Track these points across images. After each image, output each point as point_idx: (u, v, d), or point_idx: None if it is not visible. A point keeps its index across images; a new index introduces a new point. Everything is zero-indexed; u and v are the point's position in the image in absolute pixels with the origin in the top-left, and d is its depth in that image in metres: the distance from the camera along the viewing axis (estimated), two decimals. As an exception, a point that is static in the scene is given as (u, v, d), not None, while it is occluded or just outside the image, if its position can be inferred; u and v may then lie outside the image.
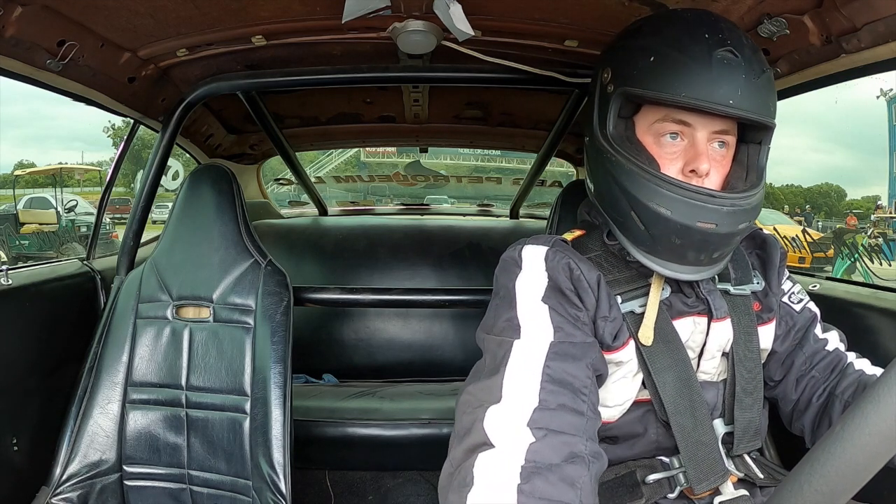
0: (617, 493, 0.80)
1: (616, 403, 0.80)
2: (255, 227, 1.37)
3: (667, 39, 0.74)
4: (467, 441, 0.62)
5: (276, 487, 1.12)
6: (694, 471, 0.77)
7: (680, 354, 0.79)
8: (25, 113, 32.08)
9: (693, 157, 0.75)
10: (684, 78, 0.72)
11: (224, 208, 1.29)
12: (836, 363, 0.85)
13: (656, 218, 0.73)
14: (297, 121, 2.04)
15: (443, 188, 4.33)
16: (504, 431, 0.61)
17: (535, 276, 0.76)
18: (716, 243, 0.74)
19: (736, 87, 0.71)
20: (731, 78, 0.71)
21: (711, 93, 0.71)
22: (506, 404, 0.64)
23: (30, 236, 9.63)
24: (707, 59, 0.71)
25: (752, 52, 0.74)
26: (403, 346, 2.12)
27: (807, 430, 0.85)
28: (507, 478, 0.57)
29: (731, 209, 0.73)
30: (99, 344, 1.26)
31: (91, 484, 1.19)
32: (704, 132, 0.75)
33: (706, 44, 0.72)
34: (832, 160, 36.72)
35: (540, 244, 0.79)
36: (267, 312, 1.22)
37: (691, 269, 0.76)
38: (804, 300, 0.89)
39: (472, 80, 1.42)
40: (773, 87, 0.76)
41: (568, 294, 0.75)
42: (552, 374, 0.66)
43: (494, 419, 0.62)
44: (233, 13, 1.11)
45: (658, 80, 0.73)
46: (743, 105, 0.72)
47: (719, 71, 0.71)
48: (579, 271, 0.76)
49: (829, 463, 0.45)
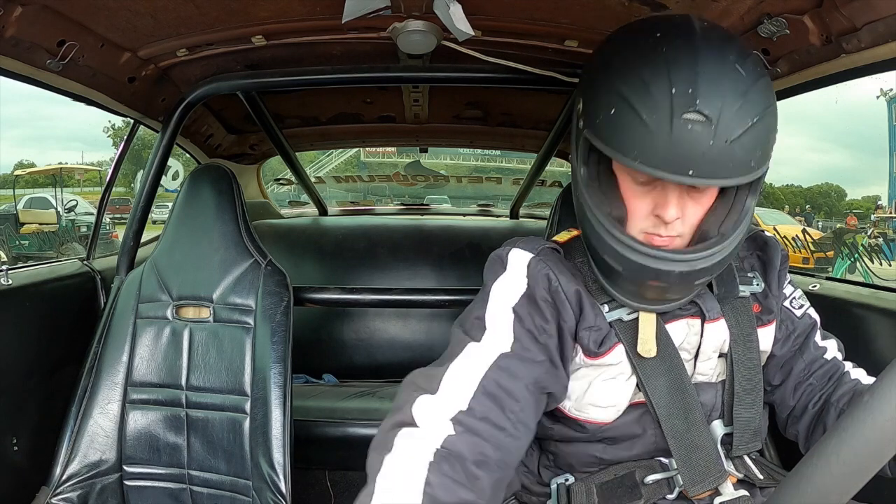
0: (616, 494, 0.80)
1: (609, 404, 0.79)
2: (255, 227, 1.37)
3: (630, 88, 0.66)
4: (396, 417, 0.68)
5: (276, 487, 1.12)
6: (688, 473, 0.77)
7: (672, 359, 0.79)
8: (24, 113, 32.07)
9: (661, 204, 0.70)
10: (639, 142, 0.65)
11: (224, 208, 1.29)
12: (833, 372, 0.85)
13: (609, 268, 0.74)
14: (297, 121, 2.04)
15: (443, 188, 4.33)
16: (429, 418, 0.67)
17: (514, 280, 0.77)
18: (674, 291, 0.74)
19: (698, 157, 0.64)
20: (694, 146, 0.63)
21: (667, 162, 0.64)
22: (439, 397, 0.68)
23: (30, 236, 9.62)
24: (666, 125, 0.63)
25: (735, 103, 0.64)
26: (403, 346, 2.12)
27: (801, 436, 0.85)
28: (421, 452, 0.63)
29: (685, 270, 0.70)
30: (99, 344, 1.26)
31: (91, 484, 1.19)
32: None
33: (670, 103, 0.64)
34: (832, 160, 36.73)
35: (527, 249, 0.80)
36: (267, 312, 1.22)
37: (653, 304, 0.76)
38: (805, 306, 0.88)
39: (472, 80, 1.42)
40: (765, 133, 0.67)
41: (542, 305, 0.76)
42: (487, 387, 0.69)
43: (424, 406, 0.67)
44: (233, 13, 1.11)
45: (614, 138, 0.67)
46: (706, 173, 0.65)
47: (680, 138, 0.63)
48: (557, 283, 0.77)
49: (829, 463, 0.45)
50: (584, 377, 0.80)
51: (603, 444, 0.81)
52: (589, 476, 0.82)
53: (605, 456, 0.82)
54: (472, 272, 2.19)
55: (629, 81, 0.67)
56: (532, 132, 2.12)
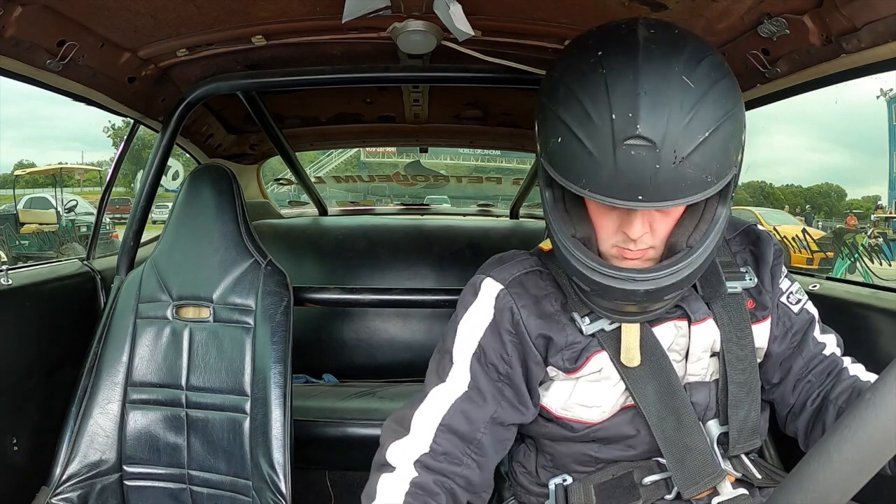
0: (614, 494, 0.80)
1: (595, 404, 0.80)
2: (255, 227, 1.37)
3: (573, 115, 0.65)
4: (377, 459, 0.79)
5: (276, 487, 1.12)
6: (681, 476, 0.77)
7: (661, 363, 0.78)
8: (24, 113, 32.08)
9: (626, 222, 0.69)
10: (586, 171, 0.65)
11: (224, 208, 1.29)
12: (832, 368, 0.84)
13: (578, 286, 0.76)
14: (297, 121, 2.04)
15: (443, 188, 4.33)
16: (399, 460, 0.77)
17: (482, 310, 0.81)
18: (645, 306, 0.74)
19: (647, 182, 0.62)
20: (639, 171, 0.62)
21: (614, 189, 0.63)
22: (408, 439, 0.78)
23: (30, 236, 9.62)
24: (609, 153, 0.63)
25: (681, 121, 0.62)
26: (403, 346, 2.12)
27: (800, 434, 0.85)
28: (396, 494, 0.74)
29: (651, 289, 0.70)
30: (99, 344, 1.26)
31: (91, 484, 1.19)
32: None
33: (611, 130, 0.62)
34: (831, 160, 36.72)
35: (498, 280, 0.82)
36: (267, 312, 1.22)
37: (634, 317, 0.77)
38: (802, 300, 0.87)
39: (472, 80, 1.42)
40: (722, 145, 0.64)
41: (504, 337, 0.80)
42: (448, 426, 0.77)
43: (395, 450, 0.77)
44: (233, 13, 1.11)
45: (564, 167, 0.67)
46: (656, 196, 0.63)
47: (625, 164, 0.62)
48: (520, 317, 0.80)
49: (828, 464, 0.45)
50: (567, 381, 0.80)
51: (597, 444, 0.82)
52: (586, 476, 0.82)
53: (601, 455, 0.82)
54: (471, 272, 2.16)
55: (571, 110, 0.66)
56: (532, 132, 2.11)
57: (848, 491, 0.46)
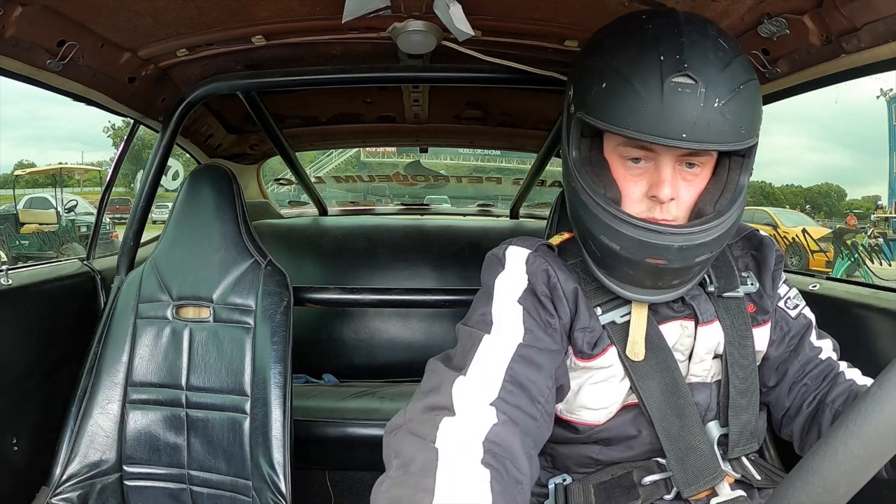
0: (613, 494, 0.80)
1: (601, 406, 0.79)
2: (255, 227, 1.37)
3: (620, 61, 0.69)
4: (431, 399, 0.65)
5: (276, 487, 1.12)
6: (682, 474, 0.77)
7: (666, 360, 0.78)
8: (24, 113, 32.09)
9: (656, 183, 0.71)
10: (632, 110, 0.67)
11: (224, 208, 1.29)
12: (828, 372, 0.85)
13: (607, 250, 0.73)
14: (297, 121, 2.04)
15: (443, 188, 4.33)
16: (469, 404, 0.64)
17: (515, 276, 0.77)
18: (671, 275, 0.73)
19: (689, 119, 0.65)
20: (685, 109, 0.65)
21: (660, 126, 0.66)
22: (472, 381, 0.67)
23: (30, 236, 9.63)
24: (657, 89, 0.66)
25: (718, 69, 0.67)
26: (403, 346, 2.12)
27: (795, 436, 0.85)
28: (471, 448, 0.60)
29: (685, 244, 0.70)
30: (99, 344, 1.26)
31: (91, 484, 1.19)
32: (669, 157, 0.71)
33: (660, 68, 0.66)
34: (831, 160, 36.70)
35: (524, 246, 0.80)
36: (267, 312, 1.22)
37: (651, 293, 0.75)
38: (800, 305, 0.88)
39: (472, 80, 1.42)
40: (751, 102, 0.69)
41: (543, 300, 0.76)
42: (514, 376, 0.68)
43: (461, 388, 0.65)
44: (233, 13, 1.11)
45: (608, 111, 0.69)
46: (699, 136, 0.66)
47: (671, 101, 0.65)
48: (556, 279, 0.77)
49: (827, 465, 0.45)
50: (574, 379, 0.80)
51: (598, 445, 0.81)
52: (586, 476, 0.82)
53: (601, 457, 0.82)
54: (472, 272, 2.17)
55: (619, 56, 0.69)
56: (532, 132, 2.12)
57: (846, 493, 0.46)
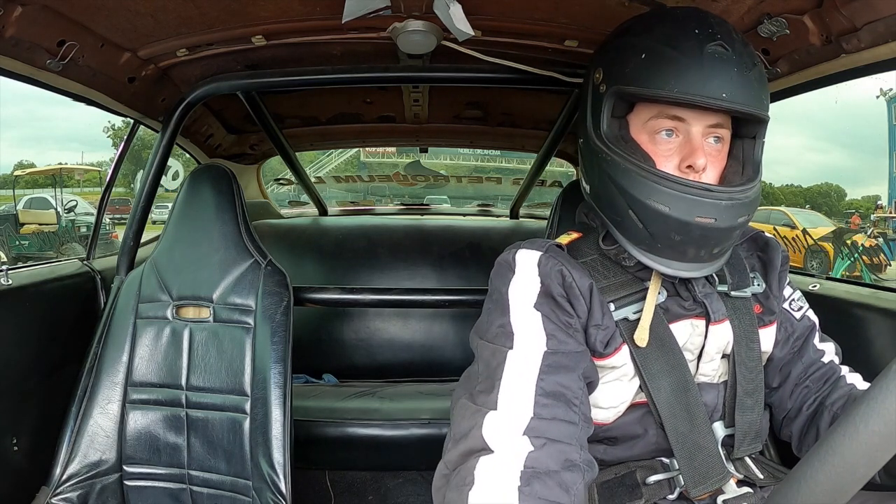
0: (616, 493, 0.80)
1: (611, 405, 0.79)
2: (255, 227, 1.37)
3: (657, 36, 0.75)
4: (465, 445, 0.65)
5: (276, 487, 1.12)
6: (690, 474, 0.77)
7: (676, 358, 0.79)
8: (23, 113, 32.07)
9: (689, 153, 0.75)
10: (676, 73, 0.72)
11: (224, 208, 1.29)
12: (829, 375, 0.85)
13: (655, 215, 0.73)
14: (297, 121, 2.04)
15: (443, 188, 4.34)
16: (502, 438, 0.64)
17: (527, 280, 0.77)
18: (716, 238, 0.74)
19: (728, 81, 0.71)
20: (723, 71, 0.72)
21: (704, 87, 0.71)
22: (503, 413, 0.66)
23: (30, 236, 9.63)
24: (698, 54, 0.72)
25: (742, 46, 0.74)
26: (403, 346, 2.12)
27: (794, 438, 0.86)
28: (507, 480, 0.61)
29: (730, 202, 0.73)
30: (99, 344, 1.26)
31: (91, 484, 1.18)
32: (699, 127, 0.75)
33: (696, 39, 0.72)
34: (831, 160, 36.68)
35: (534, 249, 0.79)
36: (267, 312, 1.22)
37: (691, 265, 0.75)
38: (804, 308, 0.89)
39: (472, 80, 1.42)
40: (764, 81, 0.76)
41: (560, 301, 0.76)
42: (545, 388, 0.69)
43: (492, 426, 0.65)
44: (233, 13, 1.11)
45: (650, 77, 0.73)
46: (736, 98, 0.72)
47: (711, 65, 0.71)
48: (571, 278, 0.76)
49: (828, 463, 0.45)
50: None
51: (604, 444, 0.81)
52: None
53: (606, 457, 0.82)
54: (472, 272, 2.20)
55: (655, 30, 0.76)
56: (532, 132, 2.12)
57: (846, 491, 0.46)
